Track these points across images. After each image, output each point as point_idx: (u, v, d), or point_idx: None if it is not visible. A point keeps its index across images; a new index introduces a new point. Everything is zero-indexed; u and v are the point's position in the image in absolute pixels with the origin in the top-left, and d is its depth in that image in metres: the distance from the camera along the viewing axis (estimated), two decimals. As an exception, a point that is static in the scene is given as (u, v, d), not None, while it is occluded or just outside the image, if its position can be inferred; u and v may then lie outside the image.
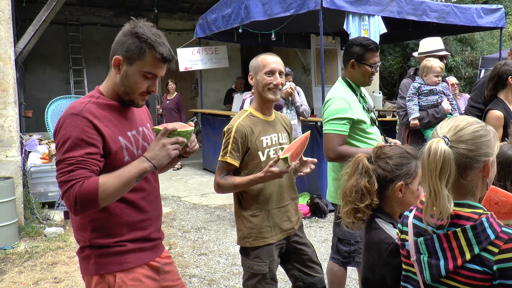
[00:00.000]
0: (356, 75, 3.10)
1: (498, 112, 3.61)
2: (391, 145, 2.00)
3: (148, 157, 1.81)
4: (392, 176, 1.86)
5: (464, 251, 1.41)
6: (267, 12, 7.05)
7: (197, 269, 4.49)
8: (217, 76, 13.51)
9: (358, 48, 3.05)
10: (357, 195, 1.86)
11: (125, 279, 1.89)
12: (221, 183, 2.52)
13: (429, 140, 1.49)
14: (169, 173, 9.38)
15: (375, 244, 1.83)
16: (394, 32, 8.83)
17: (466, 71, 14.22)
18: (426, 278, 1.50)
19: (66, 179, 1.71)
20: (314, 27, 7.08)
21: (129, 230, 1.91)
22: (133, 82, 1.85)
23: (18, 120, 5.70)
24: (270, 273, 2.56)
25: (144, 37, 1.81)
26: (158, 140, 1.83)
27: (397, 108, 4.60)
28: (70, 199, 1.70)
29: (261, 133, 2.58)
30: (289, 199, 2.69)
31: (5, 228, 5.12)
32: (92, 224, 1.88)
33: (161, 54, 1.84)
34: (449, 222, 1.45)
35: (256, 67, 2.64)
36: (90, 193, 1.69)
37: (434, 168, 1.41)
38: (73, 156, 1.72)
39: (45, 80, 12.22)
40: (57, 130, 1.79)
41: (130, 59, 1.83)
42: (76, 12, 12.58)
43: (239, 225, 2.65)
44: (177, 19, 13.96)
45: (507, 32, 14.65)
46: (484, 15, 7.72)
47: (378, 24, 6.52)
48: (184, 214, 6.46)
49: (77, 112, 1.78)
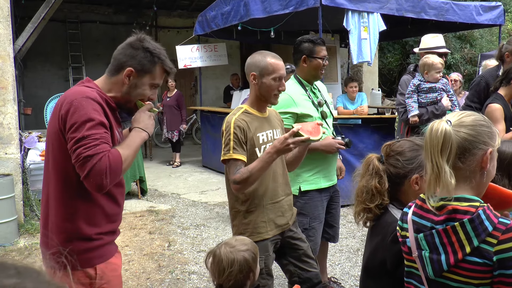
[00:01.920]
0: (309, 70, 3.32)
1: (497, 105, 3.61)
2: (399, 140, 1.99)
3: (143, 127, 2.03)
4: (405, 172, 1.86)
5: (464, 244, 1.43)
6: (266, 9, 7.05)
7: (196, 265, 4.51)
8: (217, 74, 13.51)
9: (307, 44, 3.29)
10: (367, 196, 1.89)
11: (105, 270, 2.00)
12: (237, 177, 2.43)
13: None
14: (169, 171, 9.39)
15: (381, 226, 1.86)
16: (393, 29, 8.82)
17: (465, 68, 14.23)
18: (428, 273, 1.52)
19: (94, 153, 1.77)
20: (313, 24, 7.07)
21: (107, 221, 2.03)
22: (141, 91, 2.03)
23: (17, 117, 5.71)
24: (266, 268, 2.57)
25: (156, 52, 2.01)
26: (144, 112, 2.06)
27: (397, 105, 4.61)
28: (101, 172, 1.76)
29: (257, 130, 2.58)
30: (283, 195, 2.70)
31: (5, 225, 5.13)
32: (80, 214, 1.95)
33: (170, 68, 2.06)
34: (447, 217, 1.47)
35: (263, 69, 2.56)
36: (117, 163, 1.82)
37: (436, 144, 1.47)
38: (96, 132, 1.81)
39: (44, 77, 12.21)
40: (70, 110, 1.84)
41: (142, 72, 2.00)
42: (75, 10, 12.57)
43: (234, 220, 2.66)
44: (176, 16, 13.95)
45: (506, 29, 14.65)
46: (483, 12, 7.71)
47: (377, 22, 6.52)
48: (184, 211, 6.47)
49: (93, 97, 1.88)
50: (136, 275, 4.30)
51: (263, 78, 2.56)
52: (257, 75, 2.58)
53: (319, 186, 3.32)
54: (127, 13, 13.33)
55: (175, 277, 4.24)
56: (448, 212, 1.47)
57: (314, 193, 3.31)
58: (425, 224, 1.54)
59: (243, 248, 2.06)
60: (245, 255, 2.04)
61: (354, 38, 6.40)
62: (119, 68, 1.99)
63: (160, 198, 7.27)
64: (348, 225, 5.61)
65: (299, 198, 3.28)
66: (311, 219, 3.31)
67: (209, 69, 11.71)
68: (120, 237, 5.24)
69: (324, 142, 3.21)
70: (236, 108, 2.70)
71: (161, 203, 6.94)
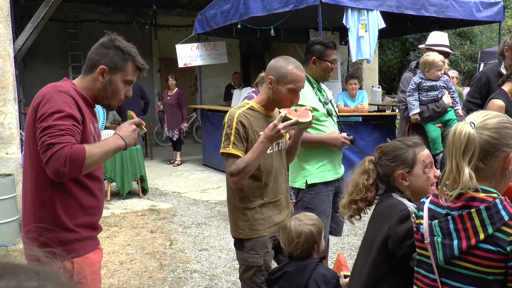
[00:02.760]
0: (317, 71, 3.39)
1: (500, 101, 3.60)
2: (388, 141, 2.15)
3: (122, 136, 2.07)
4: (390, 170, 2.00)
5: (478, 231, 1.44)
6: (266, 7, 7.04)
7: (198, 264, 4.51)
8: (217, 72, 13.50)
9: (319, 47, 3.36)
10: (355, 189, 2.07)
11: (82, 264, 2.03)
12: (234, 169, 2.42)
13: (429, 133, 1.55)
14: (169, 169, 9.40)
15: (386, 208, 1.95)
16: (393, 26, 8.81)
17: (465, 65, 14.22)
18: (439, 258, 1.52)
19: (57, 141, 1.82)
20: (313, 22, 7.08)
21: (83, 214, 2.07)
22: (115, 88, 2.11)
23: (18, 117, 5.71)
24: (265, 265, 2.58)
25: (127, 50, 2.11)
26: (131, 124, 2.14)
27: (398, 102, 4.60)
28: (59, 160, 1.80)
29: (260, 128, 2.55)
30: (282, 193, 2.72)
31: (6, 225, 5.13)
32: (57, 204, 1.99)
33: (142, 64, 2.15)
34: (464, 204, 1.49)
35: (282, 76, 2.49)
36: (79, 156, 1.84)
37: (458, 146, 1.49)
38: (63, 123, 1.87)
39: (44, 77, 12.15)
40: (41, 103, 1.92)
41: (115, 69, 2.09)
42: (74, 9, 12.55)
43: (233, 217, 2.65)
44: (175, 15, 13.93)
45: (506, 25, 14.63)
46: (483, 8, 7.70)
47: (377, 19, 6.52)
48: (185, 210, 6.47)
49: (65, 90, 1.97)
50: (138, 274, 4.30)
51: (279, 85, 2.50)
52: (274, 80, 2.51)
53: (325, 179, 3.33)
54: (127, 12, 13.31)
55: (177, 275, 4.25)
56: (465, 199, 1.49)
57: (321, 186, 3.32)
58: (440, 212, 1.56)
59: (309, 222, 2.35)
60: (311, 228, 2.33)
61: (353, 35, 6.40)
62: (92, 67, 2.09)
63: (161, 197, 7.27)
64: (349, 223, 5.59)
65: (306, 192, 3.30)
66: (318, 213, 3.30)
67: (209, 68, 11.70)
68: (122, 236, 5.28)
69: (331, 135, 3.32)
70: (243, 102, 2.68)
71: (162, 202, 6.95)
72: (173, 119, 9.66)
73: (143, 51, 11.23)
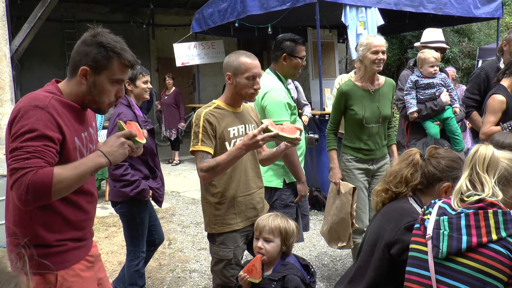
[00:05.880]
0: (288, 68, 3.35)
1: (501, 96, 3.59)
2: (446, 148, 2.07)
3: (105, 152, 1.82)
4: (441, 176, 1.93)
5: (491, 231, 1.46)
6: (263, 5, 7.03)
7: (197, 263, 4.50)
8: (215, 71, 13.45)
9: (289, 43, 3.30)
10: (394, 180, 1.98)
11: (66, 276, 1.88)
12: (204, 166, 2.48)
13: (428, 130, 1.56)
14: (168, 169, 9.38)
15: (398, 209, 1.91)
16: (391, 24, 8.79)
17: (463, 62, 14.20)
18: (442, 249, 1.52)
19: (19, 166, 1.64)
20: (311, 20, 7.06)
21: (70, 228, 1.91)
22: (102, 90, 1.88)
23: (15, 117, 5.68)
24: (235, 259, 2.64)
25: (110, 46, 1.84)
26: (118, 137, 1.87)
27: (396, 100, 4.58)
28: (21, 188, 1.62)
29: (228, 124, 2.62)
30: (256, 188, 2.74)
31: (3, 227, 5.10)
32: (36, 220, 1.82)
33: (129, 61, 1.89)
34: (482, 206, 1.52)
35: (236, 68, 2.61)
36: (44, 182, 1.64)
37: (482, 161, 1.54)
38: (31, 145, 1.68)
39: (41, 77, 12.04)
40: (15, 119, 1.73)
41: (98, 69, 1.85)
42: (71, 9, 12.53)
43: (205, 211, 2.71)
44: (173, 14, 13.91)
45: (504, 22, 14.62)
46: (481, 5, 7.69)
47: (375, 16, 6.51)
48: (184, 209, 6.46)
49: (42, 106, 1.75)
50: (137, 274, 4.28)
51: (237, 77, 2.61)
52: (231, 75, 2.62)
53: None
54: (124, 11, 13.29)
55: (176, 275, 4.24)
56: (486, 203, 1.51)
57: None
58: (451, 212, 1.57)
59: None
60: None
61: (352, 33, 6.39)
62: (74, 68, 1.86)
63: (160, 196, 7.25)
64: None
65: (284, 190, 3.35)
66: (298, 207, 3.44)
67: (207, 67, 11.68)
68: (120, 236, 5.25)
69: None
70: (210, 102, 2.74)
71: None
72: (171, 118, 9.65)
73: (141, 51, 11.16)
